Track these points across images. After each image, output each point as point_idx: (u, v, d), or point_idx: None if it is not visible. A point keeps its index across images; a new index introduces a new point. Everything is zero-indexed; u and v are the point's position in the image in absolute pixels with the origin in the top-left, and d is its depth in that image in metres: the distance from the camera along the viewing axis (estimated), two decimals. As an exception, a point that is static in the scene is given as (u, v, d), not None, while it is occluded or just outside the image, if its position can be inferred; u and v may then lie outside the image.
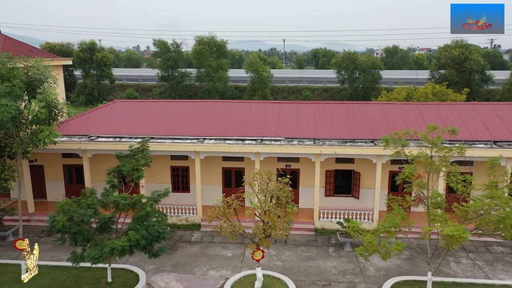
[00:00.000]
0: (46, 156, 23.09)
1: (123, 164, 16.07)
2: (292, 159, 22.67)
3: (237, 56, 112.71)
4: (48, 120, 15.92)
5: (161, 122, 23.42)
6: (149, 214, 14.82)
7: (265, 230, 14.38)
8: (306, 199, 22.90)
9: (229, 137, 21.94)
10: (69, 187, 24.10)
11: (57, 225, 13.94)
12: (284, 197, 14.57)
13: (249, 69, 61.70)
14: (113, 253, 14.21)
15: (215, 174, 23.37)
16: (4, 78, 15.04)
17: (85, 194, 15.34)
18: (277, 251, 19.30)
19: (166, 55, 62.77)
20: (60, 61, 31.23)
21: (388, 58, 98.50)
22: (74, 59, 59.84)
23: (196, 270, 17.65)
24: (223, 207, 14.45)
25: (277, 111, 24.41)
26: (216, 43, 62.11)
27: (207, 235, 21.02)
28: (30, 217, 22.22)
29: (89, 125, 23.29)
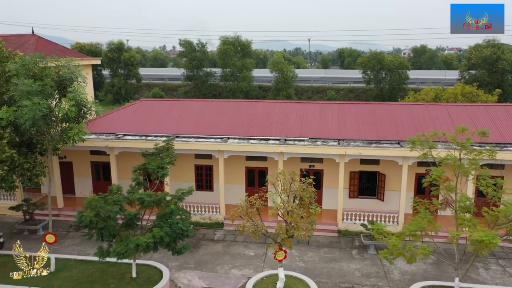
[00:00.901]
0: (75, 153, 23.74)
1: (148, 162, 16.34)
2: (315, 160, 22.50)
3: (262, 56, 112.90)
4: (77, 118, 16.34)
5: (186, 121, 23.69)
6: (173, 211, 15.02)
7: (287, 231, 14.33)
8: (330, 200, 22.68)
9: (253, 137, 21.98)
10: (96, 184, 24.71)
11: (85, 220, 14.31)
12: (308, 197, 14.47)
13: (273, 69, 61.66)
14: (138, 249, 14.49)
15: (238, 173, 23.46)
16: (37, 77, 15.52)
17: (111, 190, 15.69)
18: (300, 251, 19.20)
19: (191, 55, 63.48)
20: (89, 60, 32.11)
21: (416, 58, 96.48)
22: (103, 59, 61.36)
23: (219, 269, 17.77)
24: (246, 207, 14.48)
25: (301, 111, 24.28)
26: (241, 43, 62.38)
27: (229, 233, 21.13)
28: (59, 212, 22.90)
29: (116, 123, 23.80)
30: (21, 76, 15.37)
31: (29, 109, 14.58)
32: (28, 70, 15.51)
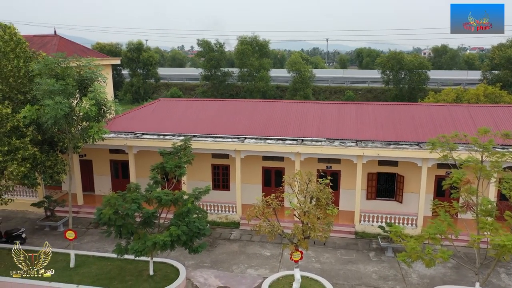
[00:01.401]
0: (94, 152, 24.15)
1: (166, 161, 16.50)
2: (333, 160, 22.32)
3: (279, 55, 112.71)
4: (97, 117, 16.63)
5: (203, 121, 23.83)
6: (190, 210, 15.13)
7: (304, 231, 14.26)
8: (347, 201, 22.48)
9: (270, 137, 21.95)
10: (115, 182, 25.08)
11: (104, 217, 14.55)
12: (324, 198, 14.38)
13: (291, 68, 61.50)
14: (155, 247, 14.65)
15: (255, 173, 23.47)
16: (59, 77, 15.87)
17: (130, 189, 15.91)
18: (316, 253, 19.09)
19: (209, 55, 63.85)
20: (109, 60, 32.62)
21: (437, 58, 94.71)
22: (122, 59, 62.26)
23: (235, 268, 17.81)
24: (262, 207, 14.47)
25: (319, 111, 24.13)
26: (259, 43, 62.40)
27: (246, 233, 21.16)
28: (79, 209, 23.34)
29: (135, 122, 24.11)
30: (44, 75, 15.73)
31: (51, 108, 14.92)
32: (51, 70, 15.87)
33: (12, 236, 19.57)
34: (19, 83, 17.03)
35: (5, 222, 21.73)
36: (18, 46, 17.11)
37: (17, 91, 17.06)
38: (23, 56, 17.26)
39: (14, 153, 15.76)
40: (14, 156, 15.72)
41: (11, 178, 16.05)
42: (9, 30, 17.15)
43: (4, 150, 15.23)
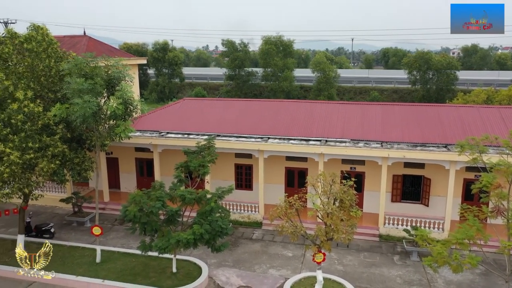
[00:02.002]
0: (121, 150, 24.64)
1: (190, 160, 16.67)
2: (357, 162, 22.02)
3: (304, 55, 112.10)
4: (124, 116, 16.94)
5: (227, 120, 23.95)
6: (213, 209, 15.24)
7: (327, 233, 14.14)
8: (371, 203, 22.14)
9: (293, 137, 21.85)
10: (140, 179, 25.53)
11: (129, 215, 14.83)
12: (348, 200, 14.22)
13: (315, 68, 61.07)
14: (179, 245, 14.83)
15: (278, 174, 23.42)
16: (88, 76, 16.26)
17: (154, 187, 16.15)
18: (339, 255, 18.89)
19: (233, 55, 64.13)
20: (135, 60, 33.21)
21: (466, 58, 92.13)
22: (148, 59, 63.32)
23: (257, 268, 17.82)
24: (285, 207, 14.44)
25: (343, 112, 23.86)
26: (283, 43, 62.25)
27: (268, 233, 21.14)
28: (105, 206, 23.87)
29: (160, 121, 24.47)
30: (74, 75, 16.14)
31: (80, 106, 15.30)
32: (80, 70, 16.27)
33: (42, 231, 20.22)
34: (50, 82, 17.54)
35: (35, 217, 22.45)
36: (49, 46, 17.61)
37: (48, 90, 17.57)
38: (54, 56, 17.75)
39: (44, 150, 16.24)
40: (44, 153, 16.20)
41: (41, 174, 16.54)
42: (41, 31, 17.68)
43: (35, 147, 15.72)
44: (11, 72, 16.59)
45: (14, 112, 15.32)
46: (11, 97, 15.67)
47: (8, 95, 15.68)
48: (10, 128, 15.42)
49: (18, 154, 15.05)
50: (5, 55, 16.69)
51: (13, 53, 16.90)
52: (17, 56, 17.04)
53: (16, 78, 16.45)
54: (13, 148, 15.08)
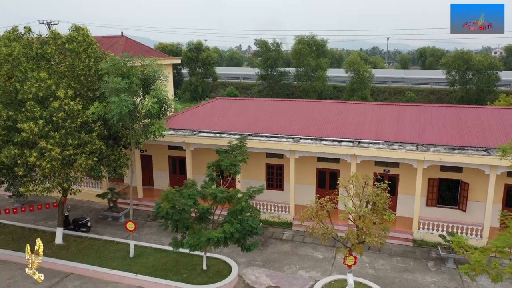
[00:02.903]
0: (154, 147, 25.19)
1: (222, 159, 16.82)
2: (391, 164, 21.50)
3: (337, 55, 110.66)
4: (158, 115, 17.32)
5: (259, 120, 23.99)
6: (244, 208, 15.31)
7: (358, 236, 13.90)
8: (405, 207, 21.57)
9: (325, 138, 21.61)
10: (172, 177, 26.01)
11: (162, 211, 15.13)
12: (381, 203, 13.90)
13: (348, 68, 60.18)
14: (209, 242, 14.99)
15: (309, 174, 23.23)
16: (124, 76, 16.73)
17: (186, 185, 16.40)
18: (370, 258, 18.52)
19: (266, 54, 64.20)
20: (170, 60, 33.84)
21: (509, 58, 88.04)
22: (182, 58, 64.46)
23: (286, 268, 17.76)
24: (316, 208, 14.30)
25: (377, 112, 23.37)
26: (316, 42, 61.71)
27: (298, 234, 21.02)
28: (139, 202, 24.47)
29: (193, 120, 24.82)
30: (111, 74, 16.65)
31: (117, 105, 15.76)
32: (117, 69, 16.76)
33: (79, 224, 20.99)
34: (89, 81, 18.17)
35: (73, 211, 23.33)
36: (89, 46, 18.24)
37: (87, 88, 18.21)
38: (94, 56, 18.37)
39: (83, 147, 16.84)
40: (83, 150, 16.80)
41: (79, 170, 17.16)
42: (82, 31, 18.34)
43: (74, 143, 16.32)
44: (53, 71, 17.33)
45: (56, 110, 15.97)
46: (53, 95, 16.34)
47: (50, 94, 16.36)
48: (51, 125, 16.08)
49: (58, 150, 15.67)
50: (48, 55, 17.44)
51: (56, 53, 17.64)
52: (59, 56, 17.78)
53: (58, 77, 17.16)
54: (54, 144, 15.72)
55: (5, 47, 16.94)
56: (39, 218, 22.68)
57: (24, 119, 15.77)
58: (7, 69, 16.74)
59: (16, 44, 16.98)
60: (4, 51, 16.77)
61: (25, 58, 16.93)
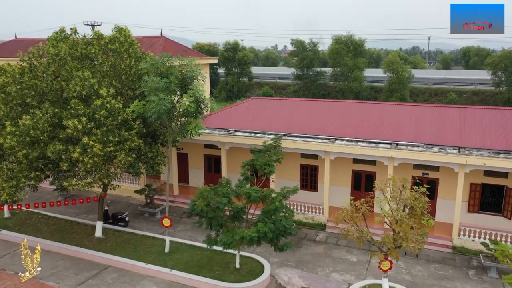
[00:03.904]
0: (190, 146, 25.63)
1: (256, 159, 16.88)
2: (430, 168, 20.79)
3: (375, 55, 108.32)
4: (195, 114, 17.63)
5: (294, 120, 23.88)
6: (277, 209, 15.29)
7: (395, 240, 13.55)
8: (444, 212, 20.80)
9: (362, 139, 21.20)
10: (207, 175, 26.37)
11: (197, 209, 15.37)
12: (419, 207, 13.48)
13: (387, 68, 58.76)
14: (243, 241, 15.09)
15: (345, 176, 22.88)
16: (163, 75, 17.15)
17: (221, 183, 16.57)
18: (407, 264, 18.01)
19: (302, 54, 63.81)
20: (207, 60, 34.34)
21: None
22: (219, 58, 65.17)
23: (319, 270, 17.58)
24: (351, 211, 14.08)
25: (417, 114, 22.67)
26: (354, 42, 60.70)
27: (332, 236, 20.76)
28: (175, 199, 24.99)
29: (228, 119, 25.05)
30: (151, 74, 17.10)
31: (156, 103, 16.17)
32: (157, 69, 17.20)
33: (118, 219, 21.70)
34: (129, 80, 18.76)
35: (112, 206, 24.15)
36: (131, 47, 18.84)
37: (127, 87, 18.81)
38: (135, 56, 18.95)
39: (123, 144, 17.39)
40: (122, 147, 17.35)
41: (119, 166, 17.74)
42: (124, 32, 18.97)
43: (115, 140, 16.89)
44: (96, 71, 18.02)
45: (98, 107, 16.59)
46: (96, 94, 16.98)
47: (93, 92, 17.01)
48: (94, 122, 16.71)
49: (100, 146, 16.27)
50: (92, 55, 18.16)
51: (99, 53, 18.33)
52: (102, 56, 18.46)
53: (100, 77, 17.83)
54: (96, 141, 16.34)
55: (53, 47, 17.80)
56: (80, 212, 23.65)
57: (68, 117, 16.48)
58: (54, 69, 17.58)
59: (63, 45, 17.79)
60: (52, 51, 17.62)
61: (70, 58, 17.71)
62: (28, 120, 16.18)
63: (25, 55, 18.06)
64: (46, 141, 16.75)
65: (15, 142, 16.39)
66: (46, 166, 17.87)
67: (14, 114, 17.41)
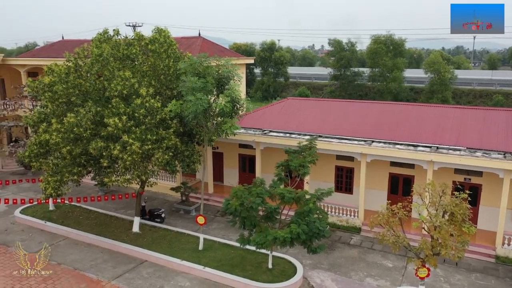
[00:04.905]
0: (226, 145, 25.89)
1: (291, 159, 16.79)
2: (473, 173, 19.92)
3: (416, 55, 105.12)
4: (231, 114, 17.78)
5: (330, 121, 23.58)
6: (311, 210, 15.16)
7: (433, 247, 13.11)
8: (487, 220, 19.87)
9: (400, 142, 20.62)
10: (242, 175, 26.54)
11: (231, 208, 15.51)
12: (460, 214, 12.98)
13: (428, 69, 56.83)
14: (275, 242, 15.08)
15: (381, 179, 22.36)
16: (200, 75, 17.42)
17: (255, 183, 16.62)
18: (446, 272, 17.36)
19: (339, 54, 62.90)
20: (244, 60, 34.60)
21: None
22: (255, 58, 65.41)
23: (353, 274, 17.29)
24: (387, 215, 13.75)
25: (459, 116, 21.79)
26: (393, 42, 59.15)
27: (366, 240, 20.35)
28: (209, 197, 25.33)
29: (264, 119, 25.09)
30: (188, 74, 17.41)
31: (193, 103, 16.44)
32: (194, 69, 17.48)
33: (154, 215, 22.27)
34: (168, 80, 19.20)
35: (149, 202, 24.80)
36: (170, 47, 19.28)
37: (166, 87, 19.27)
38: (173, 56, 19.37)
39: (160, 142, 17.83)
40: (160, 145, 17.79)
41: (156, 164, 18.19)
42: (163, 33, 19.44)
43: (153, 139, 17.34)
44: (137, 70, 18.57)
45: (138, 107, 17.08)
46: (136, 93, 17.50)
47: (133, 92, 17.53)
48: (133, 121, 17.23)
49: (139, 144, 16.75)
50: (133, 55, 18.73)
51: (139, 53, 18.88)
52: (142, 56, 19.00)
53: (140, 76, 18.37)
54: (135, 139, 16.83)
55: (97, 48, 18.50)
56: (119, 207, 24.46)
57: (110, 115, 17.07)
58: (97, 68, 18.27)
59: (106, 46, 18.46)
60: (95, 52, 18.32)
61: (112, 58, 18.33)
62: (72, 118, 16.91)
63: (70, 56, 18.88)
64: (89, 138, 17.43)
65: (60, 138, 17.18)
66: (88, 162, 18.60)
67: (59, 112, 18.26)
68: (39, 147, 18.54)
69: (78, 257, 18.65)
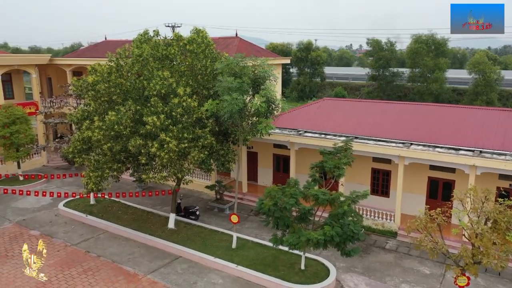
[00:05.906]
0: (260, 145, 25.97)
1: (326, 161, 16.62)
2: (519, 179, 18.96)
3: (459, 55, 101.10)
4: (266, 114, 17.83)
5: (366, 122, 23.12)
6: (345, 213, 14.95)
7: (474, 255, 12.58)
8: (534, 229, 18.81)
9: (440, 145, 19.92)
10: (276, 175, 26.53)
11: (264, 208, 15.55)
12: (504, 222, 12.38)
13: (472, 69, 54.56)
14: (309, 243, 14.98)
15: (419, 183, 21.68)
16: (237, 75, 17.58)
17: (289, 183, 16.57)
18: (487, 282, 16.61)
19: (378, 54, 61.62)
20: (280, 60, 34.56)
21: None
22: (292, 58, 65.19)
23: (388, 280, 16.88)
24: (425, 220, 13.34)
25: (505, 119, 20.77)
26: (435, 41, 57.19)
27: (403, 245, 19.81)
28: (243, 196, 25.50)
29: (299, 120, 24.94)
30: (225, 74, 17.61)
31: (229, 103, 16.63)
32: (231, 69, 17.67)
33: (189, 212, 22.69)
34: (205, 80, 19.51)
35: (185, 199, 25.29)
36: (207, 47, 19.57)
37: (203, 87, 19.58)
38: (210, 56, 19.65)
39: (196, 141, 18.14)
40: (196, 144, 18.10)
41: (192, 162, 18.52)
42: (201, 33, 19.77)
43: (189, 137, 17.68)
44: (175, 70, 18.98)
45: (175, 106, 17.46)
46: (174, 92, 17.89)
47: (171, 91, 17.94)
48: (171, 119, 17.63)
49: (175, 142, 17.12)
50: (172, 55, 19.16)
51: (178, 54, 19.28)
52: (180, 57, 19.41)
53: (178, 76, 18.76)
54: (172, 137, 17.22)
55: (137, 48, 19.07)
56: (156, 203, 25.10)
57: (148, 114, 17.55)
58: (137, 68, 18.83)
59: (146, 46, 18.99)
60: (136, 52, 18.89)
61: (152, 58, 18.84)
62: (113, 116, 17.52)
63: (112, 56, 19.57)
64: (128, 136, 17.99)
65: (101, 135, 17.85)
66: (127, 159, 19.21)
67: (101, 110, 18.96)
68: (82, 143, 19.35)
69: (117, 251, 19.31)
